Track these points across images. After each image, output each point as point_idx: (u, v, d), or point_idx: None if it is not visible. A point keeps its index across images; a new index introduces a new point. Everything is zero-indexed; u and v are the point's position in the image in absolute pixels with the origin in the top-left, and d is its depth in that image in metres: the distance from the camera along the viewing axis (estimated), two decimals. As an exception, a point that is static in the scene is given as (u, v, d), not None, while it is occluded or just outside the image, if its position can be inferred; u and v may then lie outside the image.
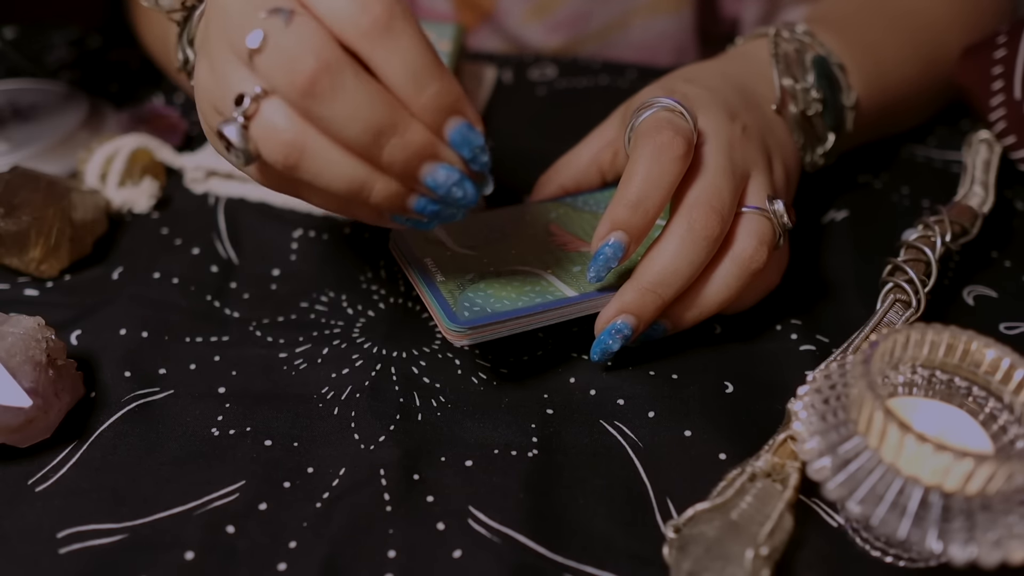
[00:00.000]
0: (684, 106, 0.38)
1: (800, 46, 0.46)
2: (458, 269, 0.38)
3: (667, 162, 0.36)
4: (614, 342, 0.37)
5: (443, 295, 0.37)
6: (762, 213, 0.38)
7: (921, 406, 0.31)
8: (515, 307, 0.36)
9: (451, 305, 0.36)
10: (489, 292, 0.37)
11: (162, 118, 0.55)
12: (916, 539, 0.27)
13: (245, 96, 0.30)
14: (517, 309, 0.36)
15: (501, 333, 0.36)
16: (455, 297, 0.37)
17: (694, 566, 0.30)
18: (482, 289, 0.37)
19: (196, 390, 0.38)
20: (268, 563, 0.32)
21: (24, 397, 0.34)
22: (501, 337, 0.36)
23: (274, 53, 0.29)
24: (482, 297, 0.37)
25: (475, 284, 0.38)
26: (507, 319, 0.36)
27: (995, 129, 0.49)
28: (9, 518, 0.33)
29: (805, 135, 0.44)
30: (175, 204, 0.50)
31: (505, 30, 0.67)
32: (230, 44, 0.31)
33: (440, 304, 0.36)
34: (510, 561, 0.31)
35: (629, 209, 0.35)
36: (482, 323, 0.35)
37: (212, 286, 0.44)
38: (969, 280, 0.45)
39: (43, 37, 0.67)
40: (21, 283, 0.45)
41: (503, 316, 0.36)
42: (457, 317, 0.35)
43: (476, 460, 0.35)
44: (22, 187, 0.44)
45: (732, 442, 0.36)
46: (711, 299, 0.38)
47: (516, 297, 0.37)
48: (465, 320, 0.35)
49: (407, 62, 0.30)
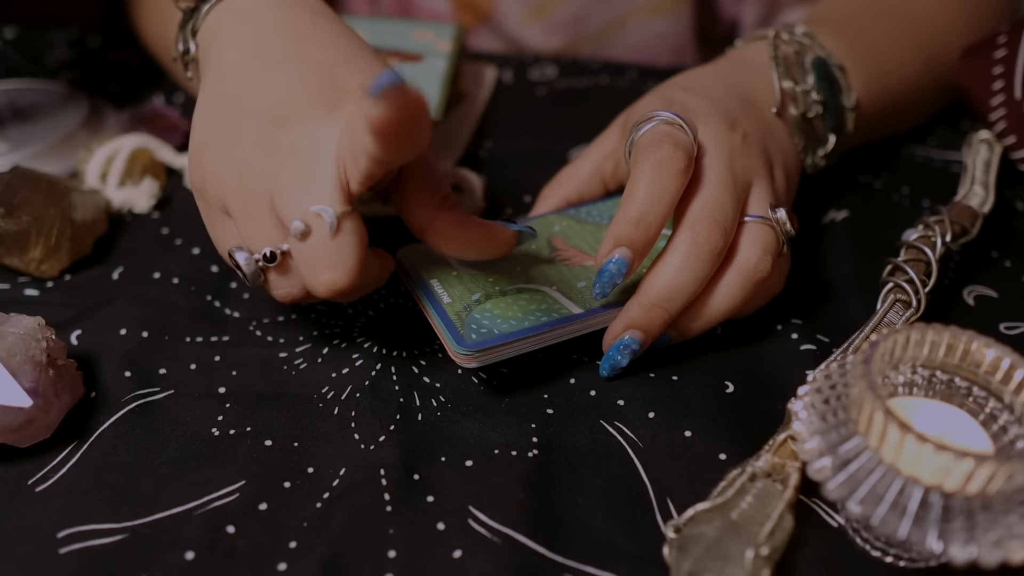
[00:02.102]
0: (683, 118, 0.38)
1: (800, 48, 0.46)
2: (464, 289, 0.38)
3: (668, 177, 0.36)
4: (623, 357, 0.37)
5: (450, 318, 0.37)
6: (765, 222, 0.38)
7: (921, 406, 0.31)
8: (522, 327, 0.36)
9: (458, 328, 0.36)
10: (495, 312, 0.37)
11: (162, 118, 0.55)
12: (916, 539, 0.27)
13: (273, 251, 0.34)
14: (524, 329, 0.36)
15: (509, 353, 0.36)
16: (462, 319, 0.37)
17: (694, 566, 0.30)
18: (488, 310, 0.37)
19: (196, 390, 0.38)
20: (268, 563, 0.32)
21: (24, 397, 0.34)
22: (510, 357, 0.36)
23: (318, 250, 0.33)
24: (488, 318, 0.37)
25: (481, 305, 0.38)
26: (514, 340, 0.36)
27: (995, 129, 0.49)
28: (9, 518, 0.33)
29: (806, 137, 0.44)
30: (175, 204, 0.51)
31: (504, 31, 0.67)
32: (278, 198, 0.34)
33: (447, 327, 0.36)
34: (510, 561, 0.31)
35: (632, 225, 0.35)
36: (490, 345, 0.35)
37: (212, 286, 0.44)
38: (969, 280, 0.45)
39: (43, 37, 0.67)
40: (21, 283, 0.45)
41: (510, 337, 0.36)
42: (465, 340, 0.35)
43: (476, 460, 0.35)
44: (22, 187, 0.44)
45: (732, 442, 0.36)
46: (717, 309, 0.38)
47: (522, 317, 0.37)
48: (473, 343, 0.35)
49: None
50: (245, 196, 0.34)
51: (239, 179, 0.34)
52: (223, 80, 0.36)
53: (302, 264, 0.33)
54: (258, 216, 0.34)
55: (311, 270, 0.33)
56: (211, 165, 0.35)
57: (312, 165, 0.33)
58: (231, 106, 0.35)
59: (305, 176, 0.33)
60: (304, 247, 0.33)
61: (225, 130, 0.35)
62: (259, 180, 0.34)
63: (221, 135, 0.35)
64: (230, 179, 0.34)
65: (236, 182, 0.34)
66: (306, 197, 0.33)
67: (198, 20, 0.39)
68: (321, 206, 0.32)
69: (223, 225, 0.36)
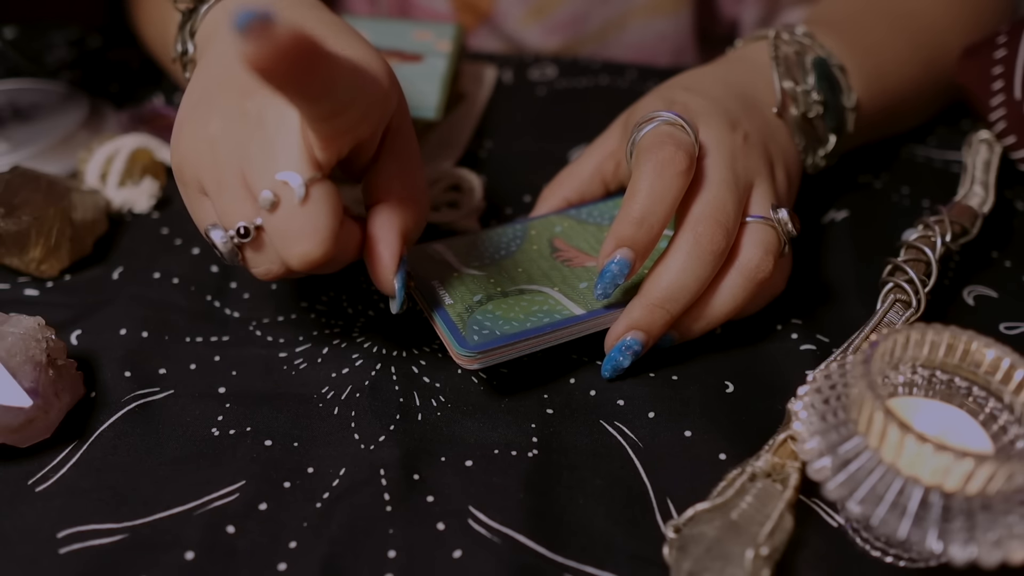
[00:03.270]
0: (685, 119, 0.38)
1: (800, 48, 0.46)
2: (466, 290, 0.38)
3: (670, 177, 0.36)
4: (624, 358, 0.37)
5: (452, 319, 0.37)
6: (766, 222, 0.38)
7: (921, 406, 0.31)
8: (524, 328, 0.36)
9: (460, 329, 0.36)
10: (497, 314, 0.37)
11: (162, 118, 0.55)
12: (916, 539, 0.27)
13: (246, 227, 0.32)
14: (526, 330, 0.36)
15: (511, 355, 0.36)
16: (464, 321, 0.37)
17: (694, 566, 0.30)
18: (490, 311, 0.37)
19: (196, 390, 0.38)
20: (268, 563, 0.32)
21: (24, 397, 0.34)
22: (512, 358, 0.36)
23: (288, 221, 0.31)
24: (490, 319, 0.37)
25: (483, 306, 0.37)
26: (516, 341, 0.36)
27: (995, 129, 0.49)
28: (9, 518, 0.33)
29: (806, 137, 0.44)
30: (175, 204, 0.51)
31: (503, 31, 0.67)
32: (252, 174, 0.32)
33: (449, 329, 0.36)
34: (510, 561, 0.31)
35: (634, 226, 0.35)
36: (492, 346, 0.35)
37: (212, 286, 0.44)
38: (969, 280, 0.45)
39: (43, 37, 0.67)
40: (21, 283, 0.45)
41: (512, 338, 0.36)
42: (467, 342, 0.35)
43: (476, 460, 0.35)
44: (22, 187, 0.44)
45: (732, 442, 0.36)
46: (719, 310, 0.38)
47: (524, 318, 0.37)
48: (475, 344, 0.35)
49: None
50: (218, 171, 0.33)
51: (212, 155, 0.33)
52: (207, 67, 0.35)
53: (275, 237, 0.32)
54: (231, 191, 0.33)
55: (284, 242, 0.32)
56: (185, 145, 0.34)
57: (277, 133, 0.32)
58: (207, 87, 0.34)
59: (270, 144, 0.32)
60: (275, 219, 0.31)
61: (199, 109, 0.34)
62: (231, 154, 0.32)
63: (195, 114, 0.34)
64: (204, 156, 0.33)
65: (209, 158, 0.33)
66: (272, 166, 0.31)
67: (196, 21, 0.38)
68: (287, 173, 0.31)
69: (201, 205, 0.35)
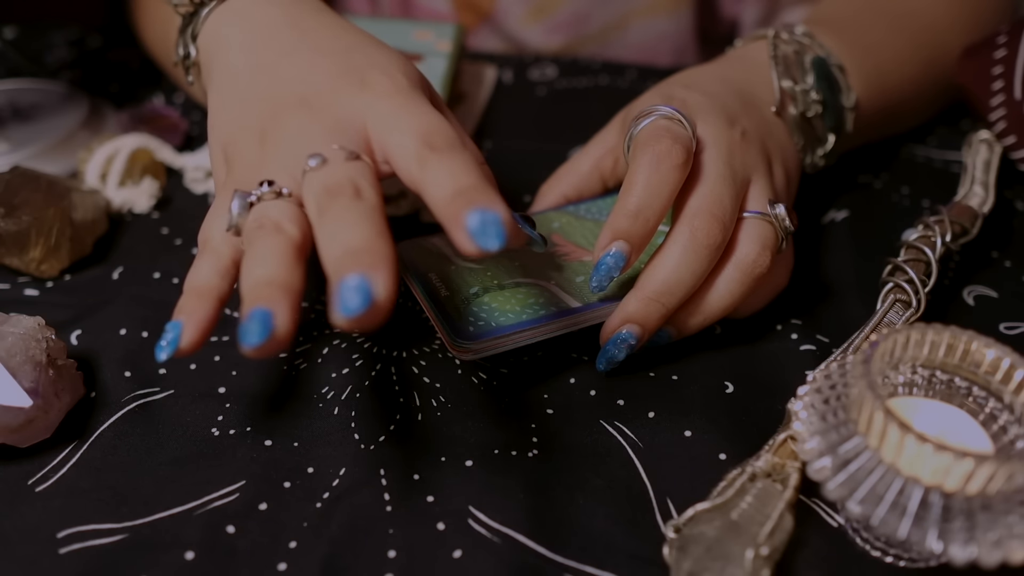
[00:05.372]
0: (682, 113, 0.38)
1: (799, 47, 0.46)
2: (462, 283, 0.38)
3: (666, 171, 0.36)
4: (619, 352, 0.37)
5: (448, 310, 0.37)
6: (764, 218, 0.38)
7: (921, 406, 0.31)
8: (519, 320, 0.36)
9: (456, 320, 0.36)
10: (493, 306, 0.37)
11: (162, 118, 0.55)
12: (916, 539, 0.27)
13: (275, 183, 0.32)
14: (522, 322, 0.36)
15: (507, 347, 0.36)
16: (460, 312, 0.37)
17: (694, 566, 0.30)
18: (486, 303, 0.37)
19: (196, 390, 0.38)
20: (268, 563, 0.32)
21: (24, 397, 0.34)
22: (507, 350, 0.36)
23: (323, 180, 0.31)
24: (487, 311, 0.37)
25: (479, 298, 0.38)
26: (512, 332, 0.36)
27: (995, 129, 0.49)
28: (9, 518, 0.33)
29: (805, 137, 0.44)
30: (175, 204, 0.51)
31: (504, 31, 0.67)
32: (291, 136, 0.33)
33: (445, 320, 0.36)
34: (510, 561, 0.31)
35: (630, 218, 0.35)
36: (487, 337, 0.35)
37: (212, 286, 0.44)
38: (969, 280, 0.45)
39: (43, 37, 0.67)
40: (21, 283, 0.45)
41: (508, 330, 0.36)
42: (463, 332, 0.35)
43: (476, 460, 0.35)
44: (22, 187, 0.44)
45: (732, 442, 0.36)
46: (715, 305, 0.38)
47: (520, 310, 0.37)
48: (471, 335, 0.35)
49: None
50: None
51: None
52: (236, 79, 0.36)
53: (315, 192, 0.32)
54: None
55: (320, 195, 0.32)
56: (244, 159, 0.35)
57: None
58: (253, 102, 0.35)
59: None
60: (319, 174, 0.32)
61: (252, 126, 0.35)
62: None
63: (249, 130, 0.35)
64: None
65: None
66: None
67: (198, 24, 0.38)
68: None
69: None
